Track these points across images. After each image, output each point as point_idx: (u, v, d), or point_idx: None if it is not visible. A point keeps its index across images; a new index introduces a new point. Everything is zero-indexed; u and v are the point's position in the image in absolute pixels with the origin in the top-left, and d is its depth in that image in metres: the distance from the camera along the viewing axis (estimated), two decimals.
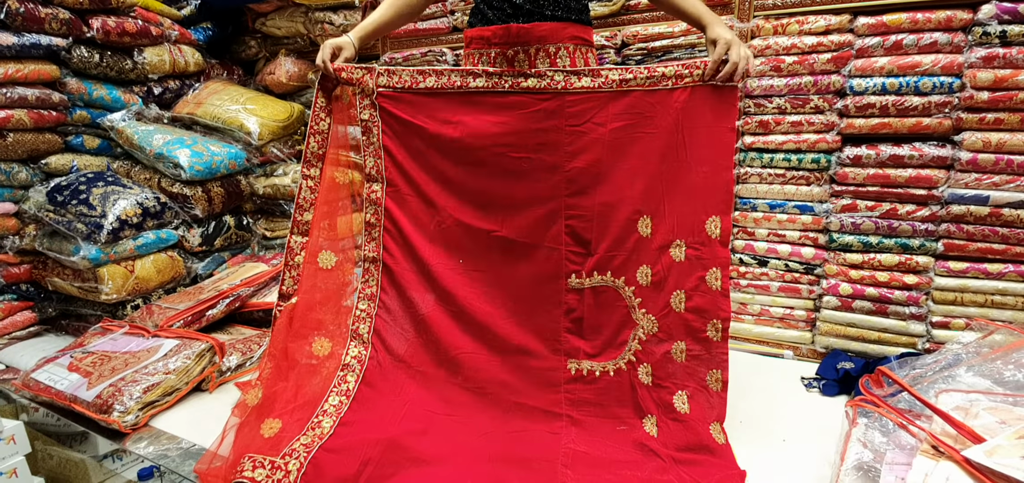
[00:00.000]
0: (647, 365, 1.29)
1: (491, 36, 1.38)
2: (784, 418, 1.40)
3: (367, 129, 1.42)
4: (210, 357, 1.58)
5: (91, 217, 1.79)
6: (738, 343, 1.84)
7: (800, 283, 1.75)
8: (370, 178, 1.44)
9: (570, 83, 1.29)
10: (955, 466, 0.87)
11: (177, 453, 1.30)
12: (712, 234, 1.28)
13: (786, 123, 1.68)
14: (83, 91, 2.02)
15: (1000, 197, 1.48)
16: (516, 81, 1.32)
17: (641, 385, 1.29)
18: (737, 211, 1.80)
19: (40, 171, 1.99)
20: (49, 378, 1.49)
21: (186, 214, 2.08)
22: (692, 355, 1.29)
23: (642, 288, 1.30)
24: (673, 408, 1.28)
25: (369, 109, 1.41)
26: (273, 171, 2.39)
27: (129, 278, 1.86)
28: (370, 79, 1.39)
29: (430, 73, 1.37)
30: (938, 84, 1.50)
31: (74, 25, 1.93)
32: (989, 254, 1.53)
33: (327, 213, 1.46)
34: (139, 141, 2.04)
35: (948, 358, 1.19)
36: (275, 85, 2.55)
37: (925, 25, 1.50)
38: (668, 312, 1.30)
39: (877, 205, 1.62)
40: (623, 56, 1.83)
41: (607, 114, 1.29)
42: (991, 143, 1.47)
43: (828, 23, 1.60)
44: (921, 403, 1.01)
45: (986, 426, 0.91)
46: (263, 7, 2.54)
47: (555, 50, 1.33)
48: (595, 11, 1.83)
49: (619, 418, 1.28)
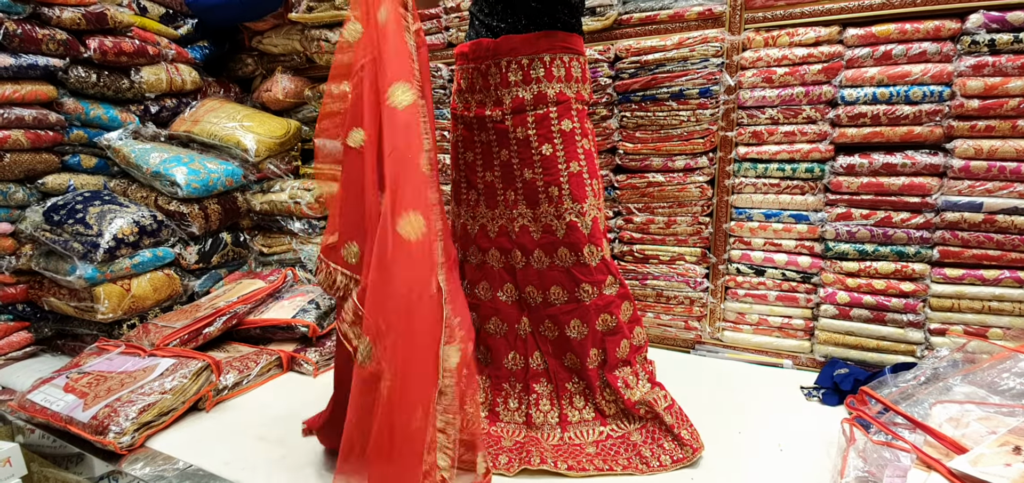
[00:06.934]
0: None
1: (468, 51, 1.40)
2: (783, 427, 1.40)
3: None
4: (207, 376, 1.58)
5: (87, 236, 1.79)
6: (737, 353, 1.84)
7: (797, 292, 1.76)
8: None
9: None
10: (943, 480, 0.87)
11: (174, 474, 1.29)
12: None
13: (779, 133, 1.70)
14: (80, 111, 2.03)
15: (994, 203, 1.49)
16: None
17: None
18: (733, 221, 1.81)
19: (37, 191, 1.99)
20: (45, 399, 1.48)
21: (183, 232, 2.08)
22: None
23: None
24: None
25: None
26: (270, 187, 2.39)
27: (125, 297, 1.86)
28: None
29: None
30: (928, 93, 1.52)
31: (71, 45, 1.95)
32: (984, 260, 1.54)
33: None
34: (136, 160, 2.05)
35: (926, 373, 1.20)
36: (272, 102, 2.56)
37: (913, 35, 1.51)
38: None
39: (872, 213, 1.63)
40: (616, 70, 1.85)
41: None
42: (983, 150, 1.48)
43: (818, 35, 1.62)
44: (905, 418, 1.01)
45: (974, 436, 0.92)
46: (260, 25, 2.57)
47: (528, 62, 1.34)
48: (588, 26, 1.85)
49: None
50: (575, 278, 1.41)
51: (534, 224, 1.44)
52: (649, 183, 1.87)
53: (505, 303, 1.52)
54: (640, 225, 1.92)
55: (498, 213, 1.49)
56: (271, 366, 1.78)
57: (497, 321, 1.52)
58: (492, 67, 1.37)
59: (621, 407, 1.39)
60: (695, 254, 1.87)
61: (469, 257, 1.57)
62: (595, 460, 1.27)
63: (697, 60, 1.73)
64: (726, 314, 1.87)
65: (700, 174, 1.81)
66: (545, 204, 1.41)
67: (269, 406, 1.60)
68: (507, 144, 1.42)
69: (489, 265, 1.53)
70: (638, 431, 1.34)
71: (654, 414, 1.33)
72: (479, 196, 1.52)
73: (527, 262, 1.47)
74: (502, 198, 1.47)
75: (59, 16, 1.91)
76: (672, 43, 1.75)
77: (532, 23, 1.33)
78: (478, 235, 1.53)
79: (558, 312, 1.45)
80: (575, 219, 1.39)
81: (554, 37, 1.34)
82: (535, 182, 1.41)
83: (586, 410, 1.42)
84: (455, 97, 1.52)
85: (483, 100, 1.43)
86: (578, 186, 1.39)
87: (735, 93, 1.72)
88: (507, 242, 1.49)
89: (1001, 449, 0.89)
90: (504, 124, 1.40)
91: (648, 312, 1.96)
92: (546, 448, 1.32)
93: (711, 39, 1.71)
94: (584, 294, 1.41)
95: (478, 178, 1.50)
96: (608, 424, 1.38)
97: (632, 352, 1.43)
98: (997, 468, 0.86)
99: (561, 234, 1.40)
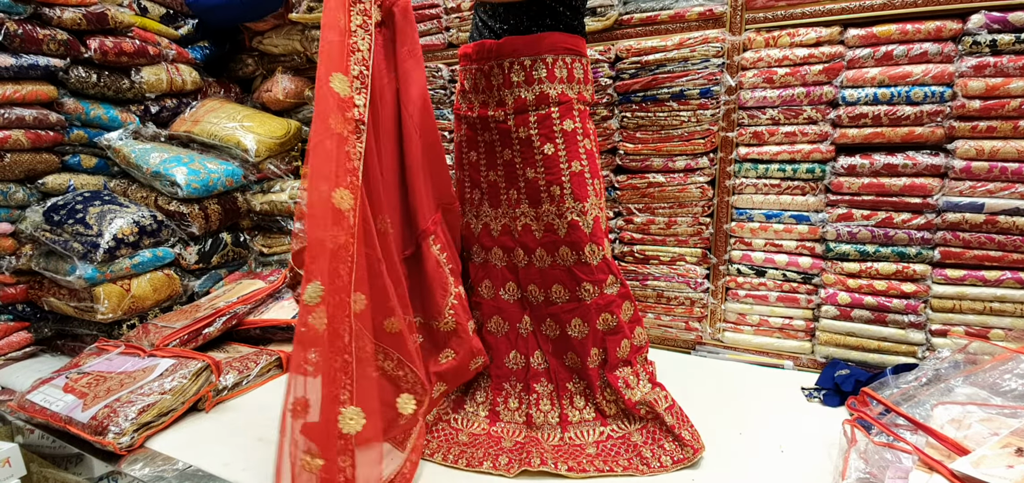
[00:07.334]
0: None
1: (471, 53, 1.40)
2: (784, 428, 1.39)
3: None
4: (206, 376, 1.57)
5: (87, 236, 1.79)
6: (738, 353, 1.84)
7: (798, 293, 1.75)
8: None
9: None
10: (945, 481, 0.87)
11: (173, 474, 1.29)
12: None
13: (780, 134, 1.69)
14: (80, 111, 2.03)
15: (995, 204, 1.49)
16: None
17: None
18: (733, 222, 1.81)
19: (37, 191, 1.99)
20: (44, 399, 1.48)
21: (183, 232, 2.08)
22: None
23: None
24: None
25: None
26: (270, 187, 2.39)
27: (125, 297, 1.86)
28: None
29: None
30: (930, 93, 1.51)
31: (72, 46, 1.95)
32: (986, 261, 1.53)
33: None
34: (136, 160, 2.05)
35: (928, 374, 1.19)
36: (272, 102, 2.56)
37: (915, 36, 1.51)
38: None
39: (873, 214, 1.62)
40: (617, 70, 1.85)
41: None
42: (984, 151, 1.48)
43: (819, 35, 1.61)
44: (907, 419, 1.01)
45: (976, 437, 0.91)
46: (260, 26, 2.57)
47: (531, 63, 1.34)
48: (588, 26, 1.84)
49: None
50: (576, 277, 1.41)
51: (536, 223, 1.44)
52: (650, 183, 1.86)
53: (507, 301, 1.52)
54: (641, 226, 1.92)
55: (501, 212, 1.49)
56: (271, 367, 1.78)
57: (499, 320, 1.53)
58: (495, 68, 1.37)
59: (622, 407, 1.39)
60: (696, 255, 1.87)
61: (473, 255, 1.58)
62: (595, 461, 1.27)
63: (698, 60, 1.73)
64: (727, 315, 1.87)
65: (701, 174, 1.81)
66: (547, 203, 1.41)
67: (269, 407, 1.60)
68: (510, 144, 1.42)
69: (492, 263, 1.53)
70: (639, 431, 1.34)
71: (655, 414, 1.33)
72: (483, 195, 1.52)
73: (529, 261, 1.47)
74: (505, 197, 1.47)
75: (60, 16, 1.91)
76: (673, 43, 1.75)
77: (534, 24, 1.33)
78: (481, 234, 1.54)
79: (559, 311, 1.45)
80: (577, 218, 1.39)
81: (556, 38, 1.34)
82: (537, 181, 1.41)
83: (587, 410, 1.42)
84: (459, 98, 1.53)
85: (486, 101, 1.43)
86: (580, 185, 1.39)
87: (736, 93, 1.72)
88: (510, 241, 1.49)
89: (1003, 451, 0.89)
90: (507, 124, 1.40)
91: (649, 313, 1.95)
92: (546, 449, 1.32)
93: (712, 39, 1.71)
94: (585, 293, 1.41)
95: (481, 177, 1.51)
96: (609, 424, 1.38)
97: (633, 352, 1.43)
98: (999, 469, 0.85)
99: (563, 233, 1.40)
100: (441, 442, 1.37)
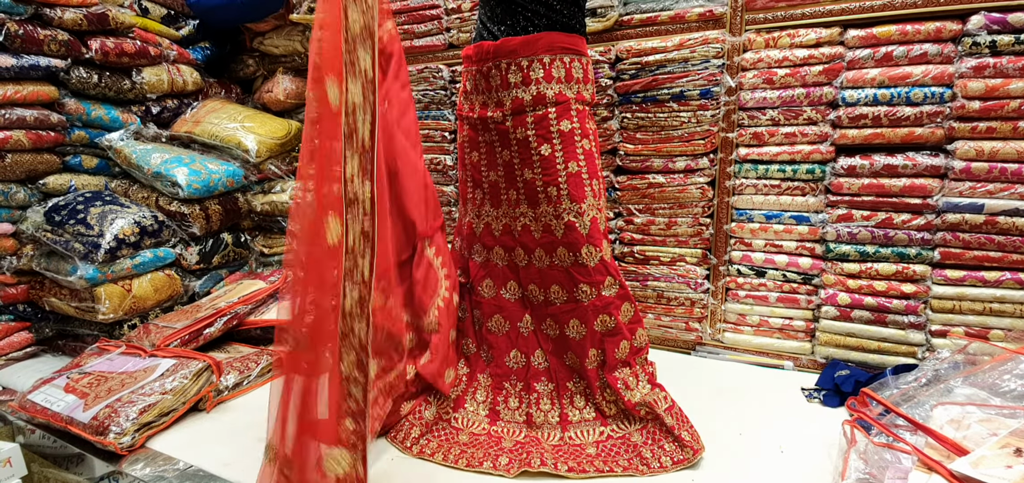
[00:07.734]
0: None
1: (472, 54, 1.41)
2: (784, 429, 1.39)
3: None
4: (207, 376, 1.58)
5: (88, 236, 1.79)
6: (738, 354, 1.84)
7: (798, 293, 1.76)
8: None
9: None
10: (944, 482, 0.87)
11: (174, 474, 1.29)
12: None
13: (780, 135, 1.70)
14: (81, 111, 2.03)
15: (995, 205, 1.49)
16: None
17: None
18: (734, 222, 1.81)
19: (38, 191, 1.99)
20: (46, 399, 1.48)
21: (184, 232, 2.09)
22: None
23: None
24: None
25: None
26: (271, 188, 2.39)
27: (126, 297, 1.86)
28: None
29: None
30: (929, 94, 1.52)
31: (73, 46, 1.95)
32: (986, 262, 1.53)
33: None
34: (137, 160, 2.05)
35: (928, 374, 1.19)
36: (273, 103, 2.57)
37: (914, 37, 1.51)
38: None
39: (873, 215, 1.62)
40: (617, 71, 1.85)
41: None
42: (984, 152, 1.48)
43: (819, 36, 1.62)
44: (906, 420, 1.01)
45: (975, 438, 0.92)
46: (261, 26, 2.57)
47: (528, 63, 1.34)
48: (589, 27, 1.84)
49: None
50: (574, 278, 1.41)
51: (535, 223, 1.45)
52: (650, 184, 1.87)
53: (508, 300, 1.53)
54: (641, 226, 1.92)
55: (502, 212, 1.50)
56: (272, 367, 1.78)
57: (499, 319, 1.53)
58: (493, 69, 1.38)
59: (621, 408, 1.39)
60: (696, 255, 1.87)
61: (474, 255, 1.59)
62: (595, 461, 1.27)
63: (698, 61, 1.73)
64: (727, 315, 1.87)
65: (701, 175, 1.81)
66: (544, 204, 1.41)
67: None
68: (508, 145, 1.43)
69: (493, 263, 1.54)
70: (639, 432, 1.34)
71: (655, 415, 1.33)
72: (484, 195, 1.53)
73: (529, 260, 1.47)
74: (505, 197, 1.48)
75: (61, 17, 1.91)
76: (673, 44, 1.75)
77: (531, 25, 1.34)
78: (483, 233, 1.55)
79: (558, 311, 1.45)
80: (573, 219, 1.39)
81: (554, 37, 1.34)
82: (535, 182, 1.41)
83: (587, 410, 1.42)
84: (461, 98, 1.54)
85: (486, 101, 1.44)
86: (576, 186, 1.39)
87: (736, 94, 1.72)
88: (510, 240, 1.50)
89: (1002, 451, 0.89)
90: (505, 125, 1.41)
91: (649, 313, 1.96)
92: (546, 449, 1.32)
93: (712, 40, 1.71)
94: (582, 294, 1.41)
95: (483, 177, 1.52)
96: (609, 424, 1.38)
97: (632, 353, 1.43)
98: (998, 470, 0.85)
99: (560, 234, 1.41)
100: (441, 442, 1.37)
